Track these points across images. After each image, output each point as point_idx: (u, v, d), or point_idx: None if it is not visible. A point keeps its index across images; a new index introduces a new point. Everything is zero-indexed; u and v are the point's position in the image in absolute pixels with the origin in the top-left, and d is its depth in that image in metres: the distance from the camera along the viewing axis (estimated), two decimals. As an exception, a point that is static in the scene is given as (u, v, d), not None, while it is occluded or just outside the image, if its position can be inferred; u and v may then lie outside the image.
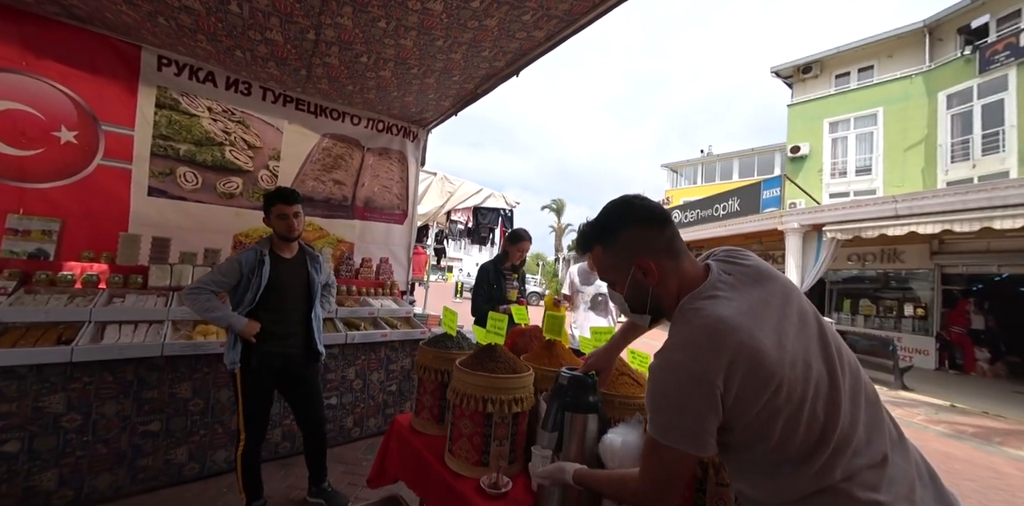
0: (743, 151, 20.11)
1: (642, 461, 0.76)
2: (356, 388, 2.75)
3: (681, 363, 0.69)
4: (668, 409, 0.70)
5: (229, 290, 1.79)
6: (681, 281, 0.80)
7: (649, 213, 0.81)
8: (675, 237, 0.81)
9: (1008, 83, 10.28)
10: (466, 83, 2.93)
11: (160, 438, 2.06)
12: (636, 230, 0.81)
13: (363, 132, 3.74)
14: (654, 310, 0.84)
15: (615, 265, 0.84)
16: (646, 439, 0.75)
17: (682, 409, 0.69)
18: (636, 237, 0.81)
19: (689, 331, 0.72)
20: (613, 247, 0.83)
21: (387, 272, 3.70)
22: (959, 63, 11.42)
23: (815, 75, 14.60)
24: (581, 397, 1.02)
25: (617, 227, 0.82)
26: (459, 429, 1.22)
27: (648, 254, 0.79)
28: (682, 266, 0.81)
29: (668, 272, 0.80)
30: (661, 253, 0.79)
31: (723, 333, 0.67)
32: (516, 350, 1.56)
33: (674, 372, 0.70)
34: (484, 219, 5.30)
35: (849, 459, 0.66)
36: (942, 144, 11.49)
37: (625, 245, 0.81)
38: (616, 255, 0.83)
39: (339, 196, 3.73)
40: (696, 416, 0.68)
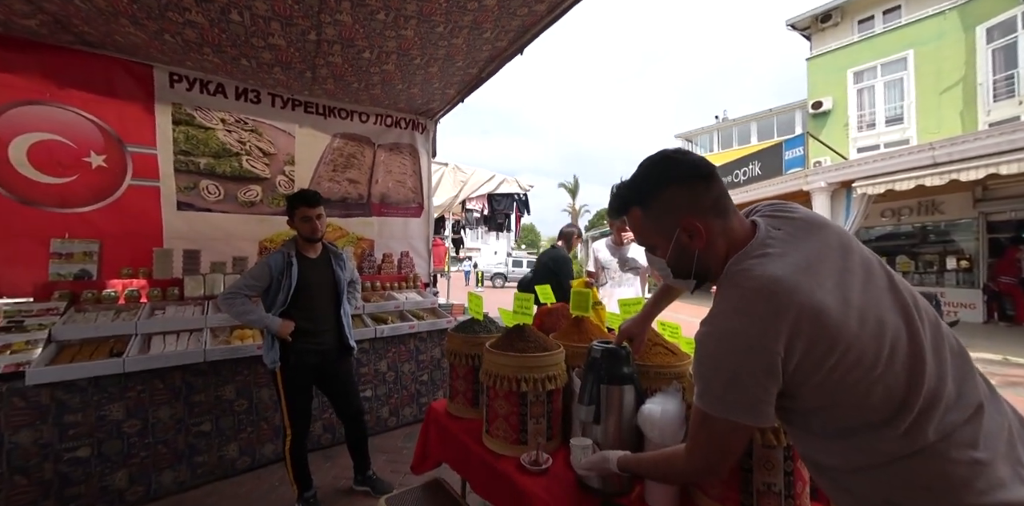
0: (760, 113, 19.16)
1: (691, 436, 0.71)
2: (389, 380, 2.84)
3: (734, 330, 0.64)
4: (720, 379, 0.65)
5: (261, 293, 1.86)
6: (730, 241, 0.73)
7: (693, 169, 0.73)
8: (722, 195, 0.74)
9: (1056, 8, 9.33)
10: (470, 68, 2.87)
11: (212, 436, 2.21)
12: (679, 188, 0.73)
13: (372, 129, 3.75)
14: (700, 274, 0.77)
15: (656, 228, 0.77)
16: (694, 412, 0.70)
17: (736, 378, 0.63)
18: (680, 196, 0.73)
19: (741, 295, 0.65)
20: (654, 209, 0.76)
21: (408, 266, 3.76)
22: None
23: (835, 23, 13.63)
24: (615, 369, 1.01)
25: (657, 186, 0.75)
26: (495, 410, 1.24)
27: (694, 214, 0.72)
28: (731, 225, 0.73)
29: (716, 233, 0.73)
30: (708, 212, 0.72)
31: (779, 295, 0.61)
32: (544, 329, 1.56)
33: (727, 340, 0.64)
34: (499, 205, 5.28)
35: (941, 416, 0.60)
36: (982, 83, 10.60)
37: (667, 206, 0.74)
38: (657, 217, 0.76)
39: (355, 195, 3.77)
40: (753, 385, 0.62)
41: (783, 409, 0.68)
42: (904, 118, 12.09)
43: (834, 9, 13.49)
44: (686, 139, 22.36)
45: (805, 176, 7.63)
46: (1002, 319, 7.66)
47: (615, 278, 2.70)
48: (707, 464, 0.70)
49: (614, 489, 1.01)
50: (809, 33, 14.24)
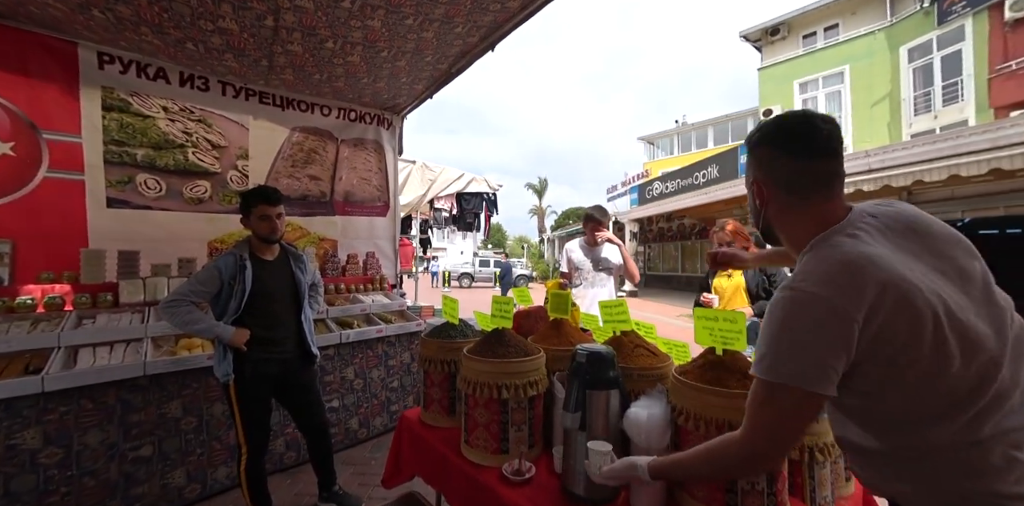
0: (717, 118, 20.19)
1: (752, 416, 0.67)
2: (357, 388, 2.70)
3: (817, 295, 0.62)
4: (793, 345, 0.63)
5: (210, 299, 1.68)
6: (812, 220, 0.72)
7: (791, 138, 0.72)
8: (812, 173, 0.71)
9: (965, 33, 10.47)
10: (439, 63, 2.78)
11: (154, 462, 1.94)
12: (768, 150, 0.75)
13: (335, 123, 3.56)
14: (765, 230, 0.82)
15: (746, 178, 0.82)
16: (757, 389, 0.67)
17: (811, 344, 0.62)
18: (765, 157, 0.75)
19: (827, 264, 0.65)
20: (749, 159, 0.80)
21: (375, 267, 3.61)
22: (919, 16, 11.54)
23: (783, 37, 14.59)
24: (601, 373, 0.99)
25: (757, 140, 0.77)
26: (474, 419, 1.18)
27: (764, 178, 0.75)
28: (815, 207, 0.72)
29: (782, 206, 0.75)
30: (779, 183, 0.74)
31: (867, 268, 0.61)
32: (522, 332, 1.51)
33: (809, 305, 0.62)
34: (468, 204, 5.19)
35: (1000, 418, 0.61)
36: (905, 98, 11.73)
37: (753, 161, 0.78)
38: (747, 169, 0.81)
39: (316, 192, 3.57)
40: (829, 353, 0.61)
41: (842, 387, 0.65)
42: (842, 127, 13.12)
43: (782, 23, 14.44)
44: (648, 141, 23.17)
45: (758, 179, 8.09)
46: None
47: (588, 279, 2.70)
48: (772, 444, 0.66)
49: (600, 496, 0.99)
50: (760, 45, 15.16)
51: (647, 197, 13.35)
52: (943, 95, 10.94)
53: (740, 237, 2.27)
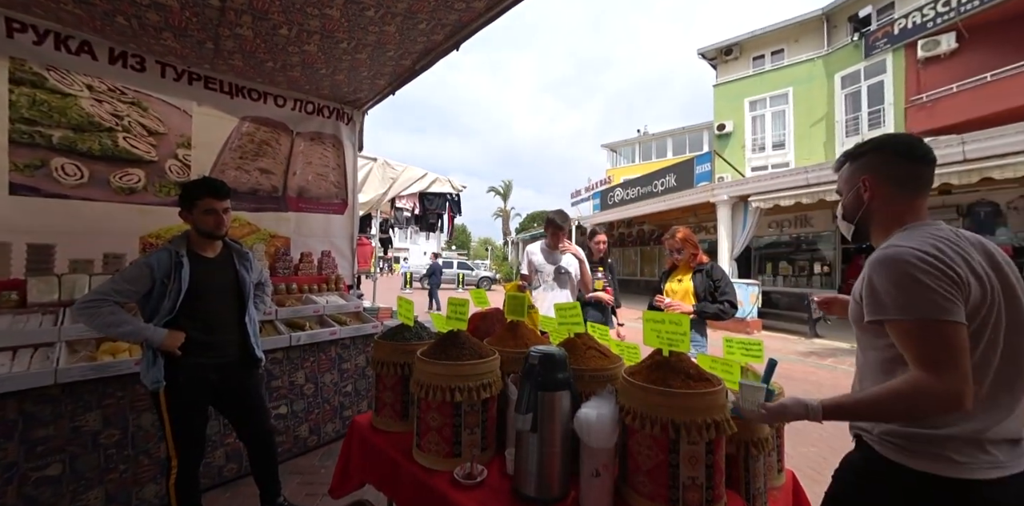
0: (675, 130, 21.21)
1: (925, 358, 0.74)
2: (308, 393, 2.56)
3: (934, 248, 0.78)
4: (929, 289, 0.74)
5: (139, 299, 1.53)
6: (903, 212, 0.91)
7: (903, 147, 0.92)
8: (917, 177, 0.91)
9: (886, 66, 11.68)
10: (402, 59, 2.72)
11: (64, 483, 1.71)
12: (886, 154, 0.93)
13: (290, 115, 3.39)
14: (861, 223, 0.97)
15: (848, 179, 0.99)
16: (902, 333, 0.77)
17: (939, 288, 0.74)
18: (881, 159, 0.93)
19: (933, 232, 0.83)
20: (855, 163, 0.98)
21: (330, 266, 3.46)
22: (850, 48, 12.75)
23: (735, 57, 15.59)
24: (552, 375, 1.00)
25: (875, 146, 0.95)
26: (427, 422, 1.16)
27: (876, 175, 0.93)
28: (911, 202, 0.92)
29: (887, 197, 0.92)
30: (890, 180, 0.92)
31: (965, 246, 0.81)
32: (478, 334, 1.50)
33: (923, 256, 0.77)
34: (431, 205, 5.10)
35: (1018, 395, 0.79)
36: (838, 120, 12.89)
37: (867, 162, 0.95)
38: (852, 171, 0.98)
39: (268, 186, 3.37)
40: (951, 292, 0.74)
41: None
42: (786, 144, 14.22)
43: (735, 44, 15.44)
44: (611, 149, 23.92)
45: (712, 189, 8.57)
46: (852, 314, 9.33)
47: (548, 282, 2.73)
48: (947, 372, 0.72)
49: (550, 496, 1.00)
50: (715, 63, 16.12)
51: (608, 203, 13.76)
52: (869, 120, 12.13)
53: (689, 244, 2.39)
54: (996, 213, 7.10)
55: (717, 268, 2.36)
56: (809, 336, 7.12)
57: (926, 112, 10.55)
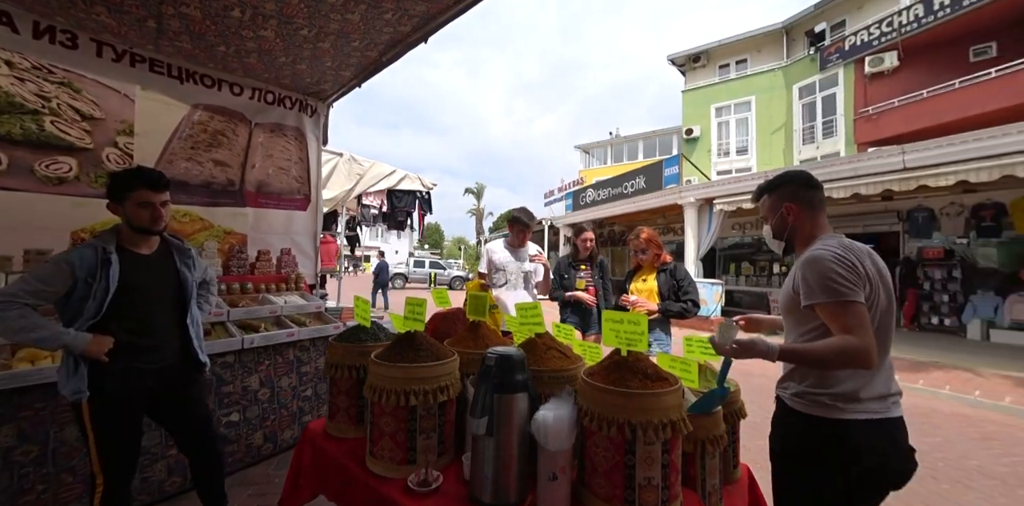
0: (646, 133, 21.77)
1: (843, 326, 1.01)
2: (263, 398, 2.42)
3: (839, 252, 1.07)
4: (843, 278, 1.03)
5: (57, 300, 1.37)
6: (814, 227, 1.22)
7: (804, 179, 1.25)
8: (817, 200, 1.24)
9: (839, 80, 12.44)
10: (368, 50, 2.62)
11: None
12: (798, 187, 1.24)
13: (248, 104, 3.20)
14: (788, 239, 1.27)
15: (772, 207, 1.27)
16: (830, 312, 1.04)
17: (850, 276, 1.03)
18: (794, 191, 1.24)
19: (840, 241, 1.12)
20: (773, 194, 1.27)
21: (290, 264, 3.30)
22: (807, 61, 13.49)
23: (703, 64, 16.16)
24: (509, 377, 0.97)
25: (780, 183, 1.26)
26: (380, 428, 1.11)
27: (795, 201, 1.22)
28: (818, 219, 1.23)
29: (804, 218, 1.22)
30: (803, 204, 1.22)
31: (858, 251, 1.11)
32: (439, 335, 1.46)
33: (836, 256, 1.06)
34: (400, 202, 4.98)
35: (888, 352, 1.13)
36: (796, 129, 13.62)
37: (780, 194, 1.25)
38: (774, 201, 1.26)
39: (223, 180, 3.17)
40: (857, 282, 1.04)
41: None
42: (748, 150, 14.89)
43: (703, 52, 16.00)
44: (584, 150, 24.26)
45: (679, 192, 8.84)
46: (806, 312, 9.88)
47: (511, 280, 2.69)
48: (863, 335, 0.99)
49: (507, 501, 0.97)
50: (684, 69, 16.65)
51: (580, 203, 13.94)
52: (823, 129, 12.89)
53: (653, 244, 2.44)
54: (931, 218, 7.69)
55: (680, 268, 2.42)
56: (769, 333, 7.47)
57: (872, 124, 11.31)
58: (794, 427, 1.13)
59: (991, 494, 2.35)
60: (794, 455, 1.13)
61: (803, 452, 1.11)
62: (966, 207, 7.30)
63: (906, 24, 10.65)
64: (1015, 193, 6.72)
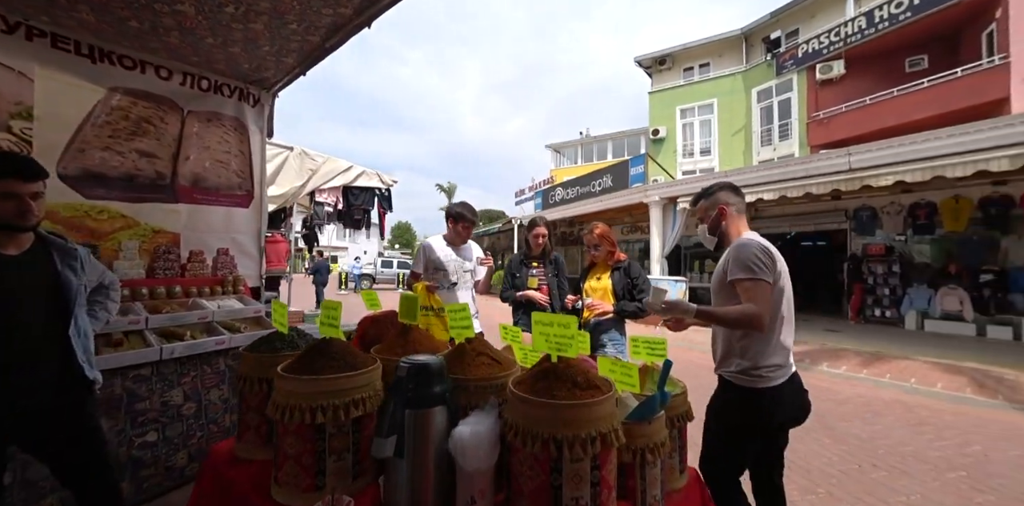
0: (615, 133, 22.14)
1: (751, 298, 1.32)
2: (188, 413, 2.19)
3: (761, 243, 1.42)
4: (760, 263, 1.34)
5: None
6: (740, 226, 1.54)
7: (732, 187, 1.58)
8: (742, 204, 1.58)
9: (793, 85, 13.08)
10: (309, 34, 2.43)
11: None
12: (725, 193, 1.55)
13: (179, 90, 2.92)
14: (720, 236, 1.55)
15: (709, 208, 1.57)
16: (748, 285, 1.34)
17: (766, 262, 1.35)
18: (727, 196, 1.54)
19: (759, 241, 1.43)
20: (710, 199, 1.57)
21: (228, 266, 3.04)
22: (764, 66, 14.09)
23: (669, 67, 16.58)
24: (425, 389, 0.86)
25: (715, 190, 1.58)
26: (284, 451, 0.97)
27: (728, 205, 1.53)
28: (742, 220, 1.56)
29: (732, 219, 1.54)
30: (733, 208, 1.54)
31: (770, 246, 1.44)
32: (367, 341, 1.33)
33: (759, 246, 1.39)
34: (356, 200, 4.74)
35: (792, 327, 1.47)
36: (755, 131, 14.21)
37: (715, 199, 1.55)
38: (710, 204, 1.57)
39: (150, 173, 2.87)
40: (771, 266, 1.36)
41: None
42: (711, 151, 15.40)
43: (668, 55, 16.41)
44: (555, 150, 24.41)
45: (645, 191, 8.99)
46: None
47: (454, 280, 2.51)
48: (763, 307, 1.31)
49: (422, 530, 0.86)
50: (651, 71, 17.02)
51: (550, 202, 13.98)
52: (779, 132, 13.52)
53: (606, 241, 2.39)
54: (874, 216, 8.19)
55: (634, 266, 2.38)
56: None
57: (823, 127, 11.95)
58: (732, 401, 1.42)
59: (924, 478, 2.46)
60: (732, 423, 1.42)
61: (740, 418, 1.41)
62: (904, 206, 7.81)
63: (851, 34, 11.31)
64: (945, 193, 7.24)
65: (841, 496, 2.26)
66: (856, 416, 3.50)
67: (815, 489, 2.33)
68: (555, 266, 2.73)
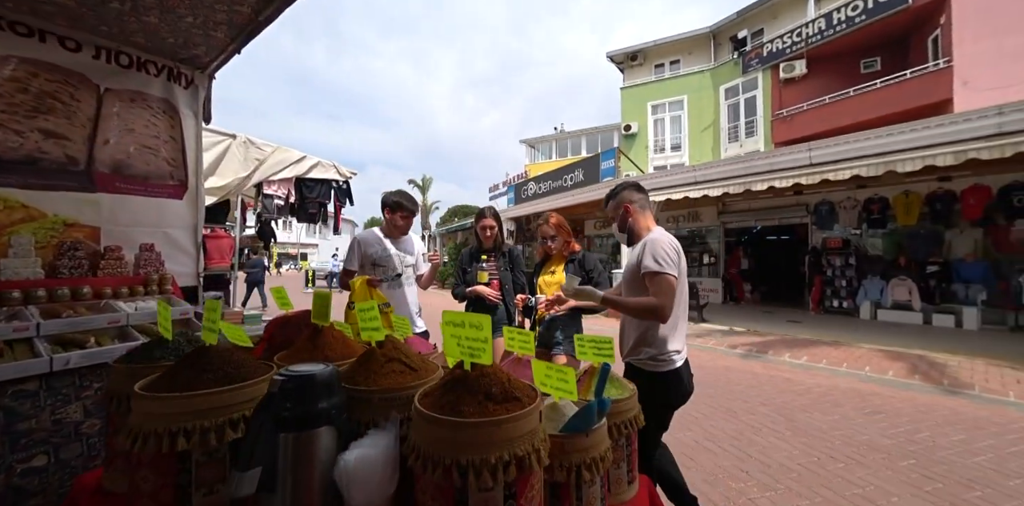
0: (589, 129, 22.21)
1: (655, 289, 1.47)
2: (89, 431, 1.91)
3: (668, 239, 1.56)
4: (667, 257, 1.48)
5: None
6: (647, 221, 1.69)
7: (636, 186, 1.75)
8: (646, 201, 1.73)
9: (758, 83, 13.41)
10: (236, 4, 2.18)
11: None
12: (634, 191, 1.72)
13: (92, 64, 2.59)
14: (629, 233, 1.70)
15: (616, 207, 1.72)
16: (655, 278, 1.48)
17: (672, 256, 1.50)
18: (631, 194, 1.71)
19: (668, 237, 1.59)
20: (616, 199, 1.73)
21: (152, 263, 2.73)
22: (731, 64, 14.40)
23: (640, 63, 16.70)
24: (304, 407, 0.70)
25: (620, 190, 1.74)
26: (137, 485, 0.78)
27: (632, 203, 1.70)
28: (647, 216, 1.71)
29: (639, 215, 1.69)
30: (637, 204, 1.70)
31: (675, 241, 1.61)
32: (276, 346, 1.15)
33: (666, 241, 1.53)
34: (311, 193, 4.44)
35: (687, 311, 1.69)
36: (723, 127, 14.52)
37: (622, 198, 1.71)
38: (617, 203, 1.72)
39: (58, 156, 2.53)
40: (677, 261, 1.52)
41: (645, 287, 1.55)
42: (682, 147, 15.66)
43: (639, 51, 16.53)
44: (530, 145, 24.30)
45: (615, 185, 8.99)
46: (731, 300, 10.61)
47: (392, 276, 2.31)
48: (667, 300, 1.45)
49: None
50: (623, 67, 17.10)
51: (523, 197, 13.87)
52: (746, 129, 13.86)
53: (563, 231, 2.27)
54: (832, 211, 8.50)
55: (590, 257, 2.26)
56: (697, 321, 7.84)
57: (786, 125, 12.32)
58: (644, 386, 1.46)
59: (878, 468, 2.49)
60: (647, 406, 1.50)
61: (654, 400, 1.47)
62: (859, 201, 8.13)
63: (812, 35, 11.68)
64: (896, 189, 7.58)
65: (800, 491, 2.24)
66: (815, 407, 3.56)
67: (775, 485, 2.30)
68: (509, 259, 2.56)
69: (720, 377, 4.46)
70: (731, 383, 4.22)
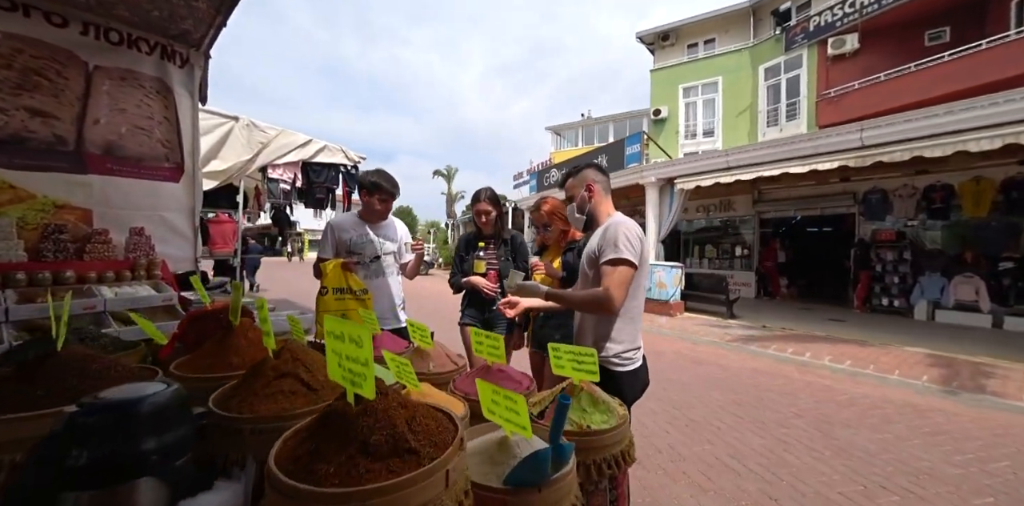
0: (617, 115, 21.32)
1: (607, 278, 1.35)
2: (57, 420, 1.85)
3: (632, 224, 1.46)
4: (629, 244, 1.37)
5: None
6: (607, 206, 1.58)
7: (600, 168, 1.62)
8: (607, 184, 1.62)
9: (803, 61, 12.28)
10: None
11: None
12: (592, 172, 1.59)
13: (80, 40, 2.49)
14: (588, 215, 1.57)
15: (577, 186, 1.59)
16: (612, 267, 1.35)
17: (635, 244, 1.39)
18: (595, 175, 1.58)
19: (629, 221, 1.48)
20: (578, 177, 1.60)
21: (142, 247, 2.65)
22: (772, 41, 13.25)
23: (672, 43, 15.70)
24: (109, 450, 0.48)
25: (582, 168, 1.61)
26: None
27: (595, 184, 1.56)
28: (608, 200, 1.59)
29: (600, 198, 1.57)
30: (600, 185, 1.57)
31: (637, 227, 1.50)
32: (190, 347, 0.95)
33: (631, 228, 1.42)
34: (318, 177, 4.31)
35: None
36: (761, 111, 13.49)
37: (583, 177, 1.58)
38: (578, 181, 1.59)
39: (46, 136, 2.46)
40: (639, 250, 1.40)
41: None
42: (715, 132, 14.71)
43: (671, 30, 15.53)
44: (555, 132, 23.66)
45: (640, 171, 8.49)
46: (765, 294, 9.95)
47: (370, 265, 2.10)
48: (619, 290, 1.34)
49: None
50: (653, 48, 16.16)
51: (545, 184, 13.45)
52: (787, 112, 12.79)
53: (557, 218, 1.98)
54: (885, 200, 7.68)
55: (591, 245, 1.96)
56: (726, 317, 7.36)
57: (833, 106, 11.27)
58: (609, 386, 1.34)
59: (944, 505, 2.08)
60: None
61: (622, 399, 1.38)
62: (918, 189, 7.29)
63: (867, 5, 10.51)
64: (964, 175, 6.72)
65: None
66: (861, 422, 3.11)
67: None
68: (511, 248, 2.30)
69: (748, 381, 4.02)
70: (761, 389, 3.80)
